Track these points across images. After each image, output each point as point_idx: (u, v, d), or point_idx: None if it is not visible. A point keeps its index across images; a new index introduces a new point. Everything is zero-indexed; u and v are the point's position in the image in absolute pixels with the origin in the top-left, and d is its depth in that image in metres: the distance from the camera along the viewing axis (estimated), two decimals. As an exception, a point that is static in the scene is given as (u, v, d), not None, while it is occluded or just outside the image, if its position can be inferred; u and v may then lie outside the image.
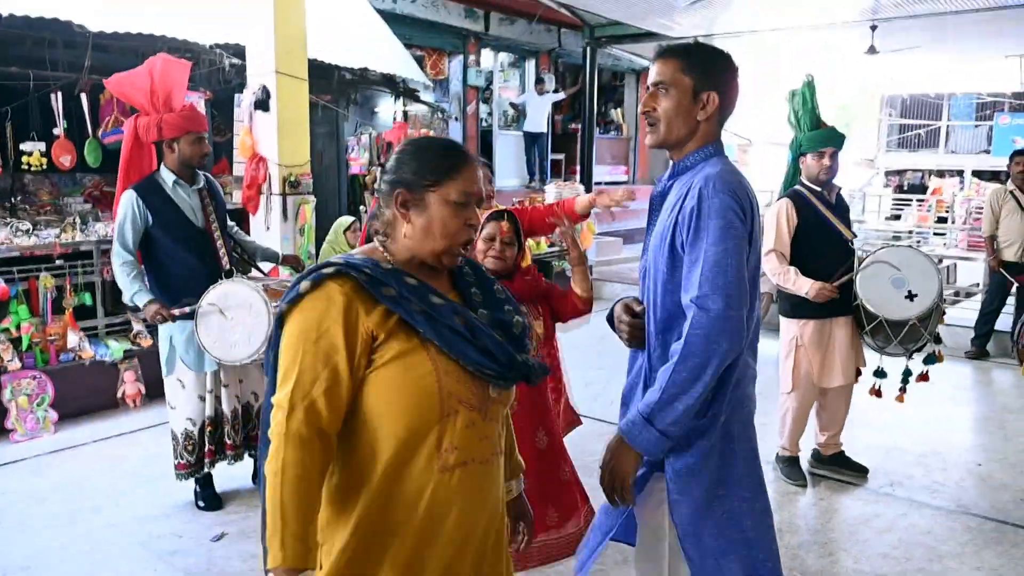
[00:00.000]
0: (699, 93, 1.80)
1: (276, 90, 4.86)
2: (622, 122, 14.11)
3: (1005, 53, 10.92)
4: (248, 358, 3.28)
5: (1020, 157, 6.40)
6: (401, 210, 1.45)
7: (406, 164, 1.47)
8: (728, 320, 1.64)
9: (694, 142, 1.84)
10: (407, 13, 9.52)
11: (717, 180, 1.71)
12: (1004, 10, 7.75)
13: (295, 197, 5.09)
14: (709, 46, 1.91)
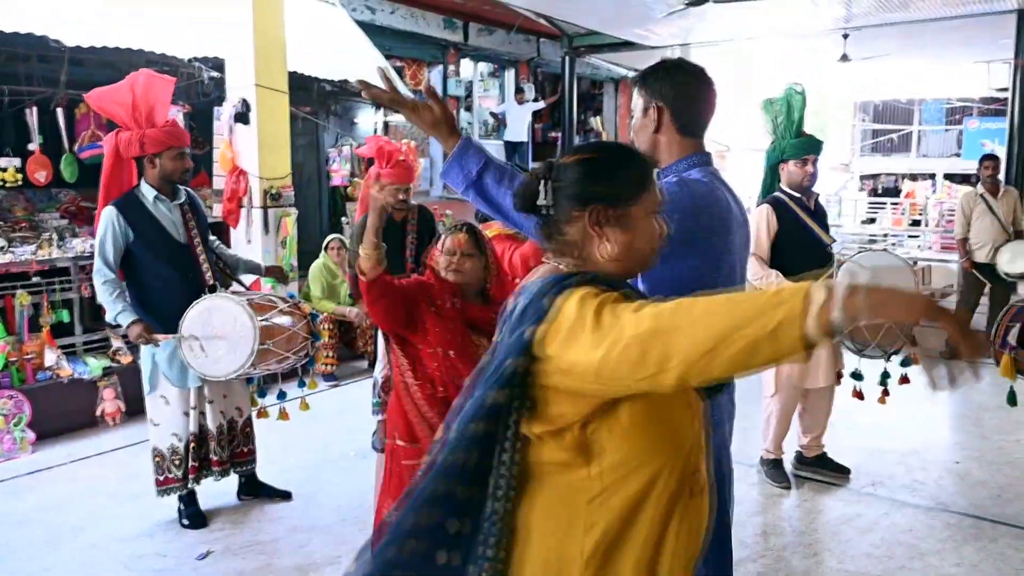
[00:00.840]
0: (647, 108, 1.87)
1: (256, 103, 4.84)
2: (601, 130, 14.18)
3: (973, 59, 11.22)
4: (233, 373, 3.25)
5: (989, 161, 6.53)
6: (596, 228, 1.30)
7: (598, 178, 1.32)
8: None
9: (665, 156, 1.88)
10: (386, 24, 9.51)
11: (674, 191, 1.74)
12: (971, 18, 7.97)
13: (276, 210, 5.06)
14: (664, 61, 1.95)
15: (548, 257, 1.36)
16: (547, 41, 11.73)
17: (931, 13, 7.99)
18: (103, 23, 5.28)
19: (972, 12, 7.82)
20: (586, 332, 1.12)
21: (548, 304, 1.18)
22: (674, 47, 10.12)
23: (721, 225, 1.81)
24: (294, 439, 4.36)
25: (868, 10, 7.92)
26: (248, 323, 3.19)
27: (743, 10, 7.31)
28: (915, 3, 7.61)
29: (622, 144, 1.44)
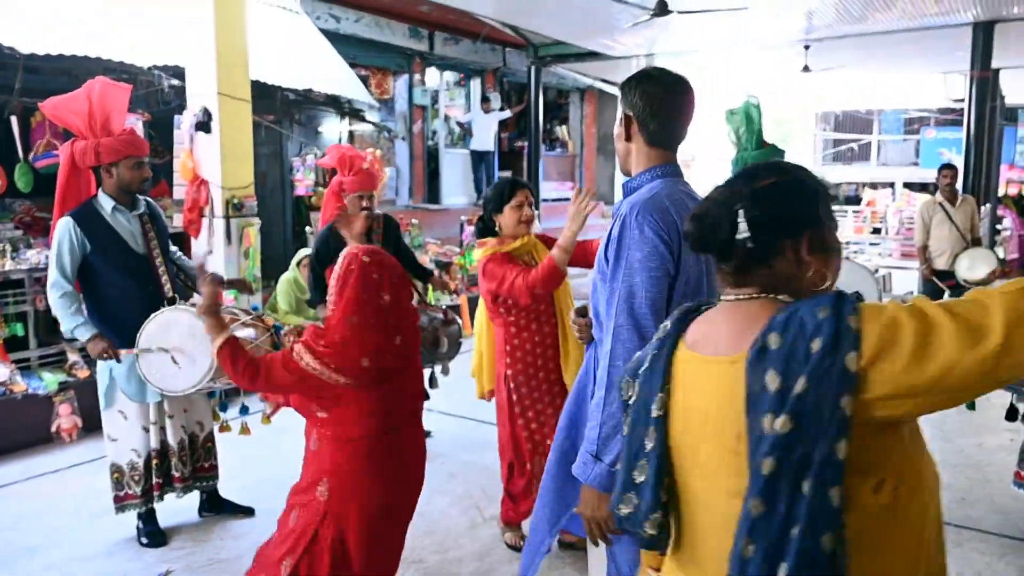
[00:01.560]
0: (621, 118, 1.90)
1: (218, 111, 4.78)
2: (568, 139, 14.28)
3: (930, 70, 11.51)
4: (192, 387, 3.18)
5: (947, 170, 6.69)
6: (811, 256, 1.17)
7: (808, 200, 1.19)
8: (640, 348, 1.70)
9: (635, 165, 1.90)
10: (351, 33, 9.48)
11: (641, 209, 1.76)
12: (928, 30, 8.19)
13: (238, 220, 4.99)
14: (641, 70, 1.95)
15: (730, 294, 1.22)
16: (513, 51, 11.79)
17: (889, 25, 8.19)
18: (60, 31, 5.19)
19: (929, 25, 8.04)
20: (944, 334, 1.01)
21: (847, 331, 1.04)
22: (639, 57, 10.25)
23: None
24: (257, 453, 4.29)
25: (828, 22, 8.10)
26: (207, 337, 3.13)
27: (707, 21, 7.41)
28: (874, 16, 7.80)
29: (789, 164, 1.28)
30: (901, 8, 7.51)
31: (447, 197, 11.39)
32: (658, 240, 1.73)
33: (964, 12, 7.56)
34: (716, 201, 1.22)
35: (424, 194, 11.24)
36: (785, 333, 1.08)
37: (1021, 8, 7.37)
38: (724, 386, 1.14)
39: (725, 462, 1.14)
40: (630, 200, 1.81)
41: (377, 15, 9.80)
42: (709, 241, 1.21)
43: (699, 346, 1.21)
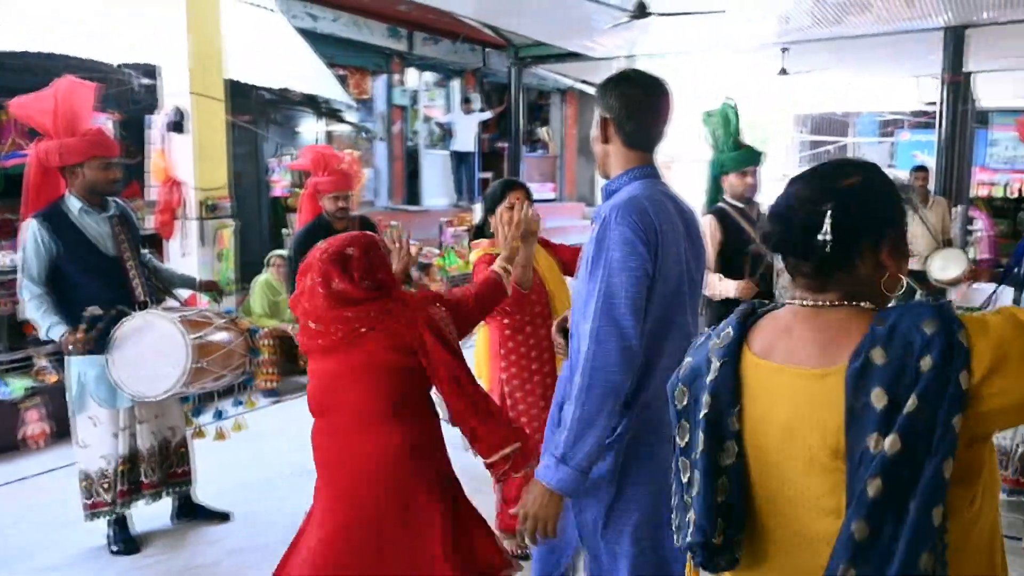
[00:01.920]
0: (599, 120, 1.90)
1: (192, 111, 4.72)
2: (549, 140, 14.31)
3: (904, 74, 11.61)
4: (165, 393, 3.14)
5: (919, 172, 6.76)
6: (891, 259, 1.13)
7: (887, 199, 1.15)
8: (621, 352, 1.70)
9: (614, 167, 1.90)
10: (329, 32, 9.42)
11: (622, 210, 1.75)
12: (901, 34, 8.26)
13: (213, 221, 4.93)
14: (619, 72, 1.95)
15: (806, 300, 1.16)
16: (493, 51, 11.79)
17: (864, 29, 8.25)
18: (28, 28, 5.09)
19: (902, 29, 8.11)
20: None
21: (959, 347, 1.01)
22: (620, 59, 10.29)
23: (665, 241, 1.80)
24: (234, 458, 4.24)
25: (804, 25, 8.15)
26: (181, 341, 3.09)
27: (686, 23, 7.44)
28: (849, 19, 7.85)
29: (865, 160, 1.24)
30: (876, 12, 7.57)
31: (427, 198, 11.35)
32: (637, 240, 1.72)
33: (936, 17, 7.64)
34: (799, 200, 1.15)
35: (404, 195, 11.20)
36: (889, 348, 1.03)
37: (991, 13, 7.46)
38: (814, 400, 1.08)
39: (818, 479, 1.08)
40: (611, 202, 1.81)
41: (355, 14, 9.74)
42: (792, 242, 1.15)
43: (772, 354, 1.15)
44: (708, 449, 1.15)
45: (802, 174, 1.20)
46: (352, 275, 2.17)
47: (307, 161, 4.09)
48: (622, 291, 1.71)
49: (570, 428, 1.71)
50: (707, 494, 1.14)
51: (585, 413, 1.70)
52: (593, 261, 1.76)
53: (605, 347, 1.70)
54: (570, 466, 1.69)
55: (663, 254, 1.77)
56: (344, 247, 2.21)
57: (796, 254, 1.15)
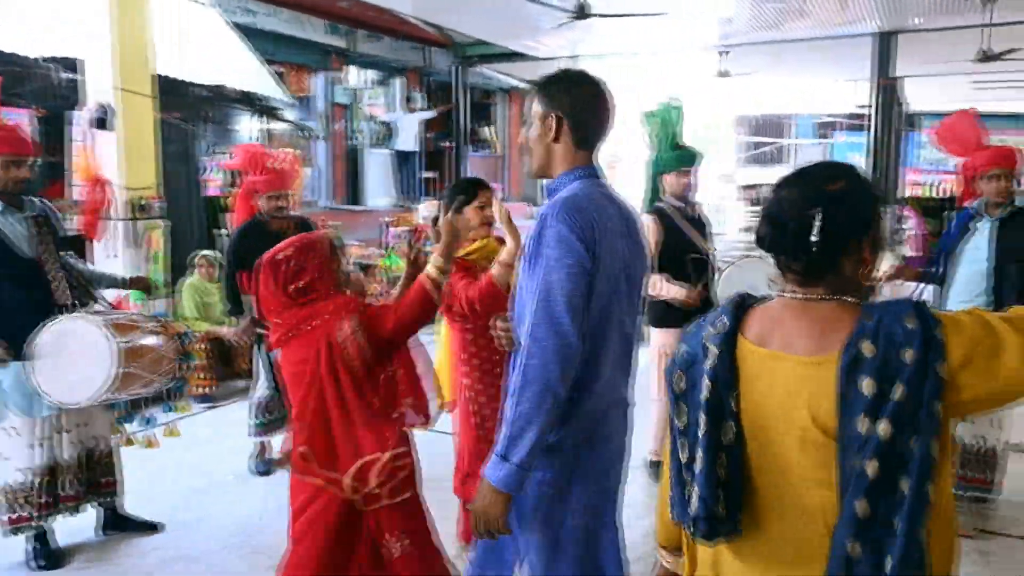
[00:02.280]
0: (546, 117, 1.87)
1: (119, 107, 4.58)
2: (494, 140, 14.34)
3: (838, 77, 11.97)
4: (90, 400, 3.05)
5: None
6: (871, 256, 1.28)
7: (873, 200, 1.28)
8: (558, 349, 1.70)
9: (557, 166, 1.89)
10: (267, 28, 9.24)
11: (561, 207, 1.76)
12: (835, 39, 8.56)
13: (143, 222, 4.80)
14: (564, 71, 1.96)
15: (793, 293, 1.29)
16: (437, 50, 11.75)
17: (800, 34, 8.52)
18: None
19: (836, 34, 8.41)
20: (1011, 349, 1.16)
21: (935, 341, 1.16)
22: (563, 59, 10.39)
23: (603, 239, 1.80)
24: (166, 466, 4.14)
25: (744, 28, 8.38)
26: (106, 345, 3.01)
27: (629, 25, 7.58)
28: (787, 24, 8.08)
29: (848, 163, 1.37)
30: (813, 17, 7.81)
31: (370, 198, 11.26)
32: (574, 238, 1.73)
33: (868, 22, 7.95)
34: (789, 203, 1.27)
35: (346, 195, 11.07)
36: (877, 342, 1.17)
37: (920, 19, 7.79)
38: (809, 385, 1.22)
39: (811, 455, 1.22)
40: (552, 201, 1.83)
41: (294, 10, 9.58)
42: (784, 244, 1.28)
43: (768, 342, 1.28)
44: (709, 429, 1.27)
45: (789, 177, 1.32)
46: (279, 281, 2.26)
47: (240, 160, 4.01)
48: (559, 288, 1.71)
49: (510, 425, 1.71)
50: (710, 470, 1.26)
51: (524, 410, 1.70)
52: (534, 258, 1.77)
53: (542, 344, 1.70)
54: (511, 462, 1.70)
55: (602, 252, 1.77)
56: (280, 251, 2.30)
57: (788, 254, 1.28)
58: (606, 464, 1.94)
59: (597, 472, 1.90)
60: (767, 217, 1.30)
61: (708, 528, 1.28)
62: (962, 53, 8.06)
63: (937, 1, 7.10)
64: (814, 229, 1.22)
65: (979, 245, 3.74)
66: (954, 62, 9.21)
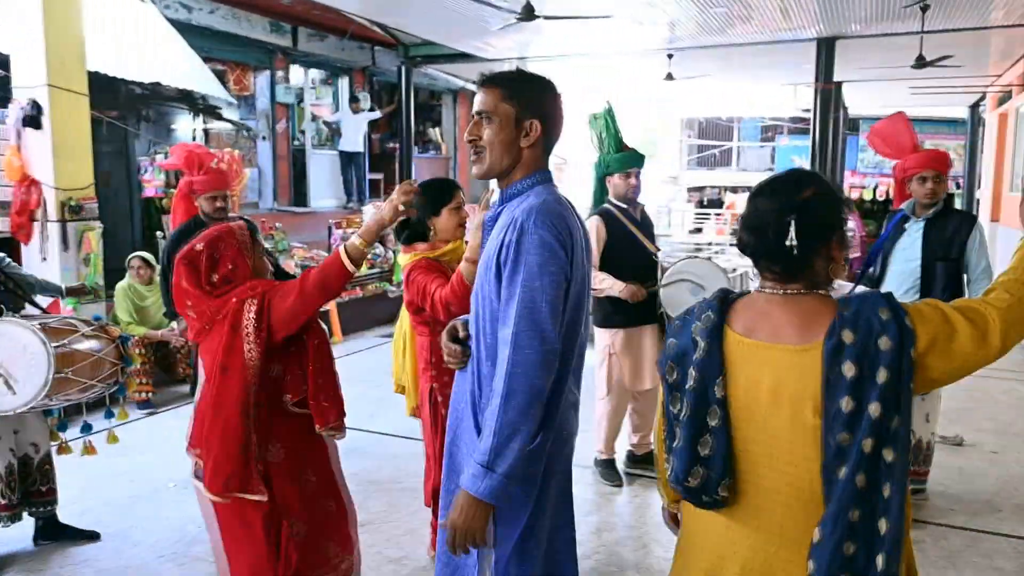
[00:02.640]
0: (522, 121, 1.84)
1: (49, 105, 4.47)
2: (441, 141, 14.34)
3: (782, 81, 12.30)
4: (24, 406, 2.98)
5: None
6: (838, 253, 1.49)
7: (836, 206, 1.48)
8: (544, 357, 1.71)
9: (520, 170, 1.88)
10: (205, 24, 9.07)
11: (538, 213, 1.76)
12: (778, 44, 8.85)
13: (77, 224, 4.69)
14: (532, 73, 1.95)
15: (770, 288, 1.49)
16: (383, 50, 11.70)
17: (746, 38, 8.79)
18: None
19: (779, 39, 8.70)
20: (964, 337, 1.39)
21: (907, 329, 1.37)
22: (511, 60, 10.47)
23: (576, 245, 1.84)
24: (104, 474, 4.07)
25: (691, 32, 8.59)
26: (40, 349, 2.94)
27: (576, 27, 7.68)
28: (733, 29, 8.33)
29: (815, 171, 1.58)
30: (757, 22, 8.04)
31: (315, 199, 11.14)
32: (556, 244, 1.74)
33: (809, 28, 8.22)
34: (766, 212, 1.46)
35: (290, 197, 10.93)
36: (856, 330, 1.37)
37: (859, 26, 8.08)
38: (796, 370, 1.41)
39: (800, 432, 1.40)
40: (523, 206, 1.80)
41: (234, 6, 9.42)
42: (764, 249, 1.47)
43: (754, 333, 1.46)
44: (692, 414, 1.46)
45: (763, 187, 1.51)
46: (197, 274, 2.30)
47: (179, 160, 3.96)
48: (543, 295, 1.72)
49: (495, 435, 1.69)
50: (686, 449, 1.47)
51: (509, 419, 1.69)
52: (512, 266, 1.76)
53: (526, 352, 1.70)
54: (498, 473, 1.68)
55: (576, 259, 1.81)
56: (195, 244, 2.34)
57: (768, 257, 1.47)
58: (567, 464, 1.97)
59: (560, 473, 1.92)
60: (747, 225, 1.49)
61: (685, 493, 1.51)
62: (899, 59, 8.40)
63: (875, 9, 7.37)
64: (790, 234, 1.41)
65: (907, 245, 3.89)
66: (891, 68, 9.59)
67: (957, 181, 16.40)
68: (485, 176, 1.91)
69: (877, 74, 10.74)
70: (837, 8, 7.37)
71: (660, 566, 3.37)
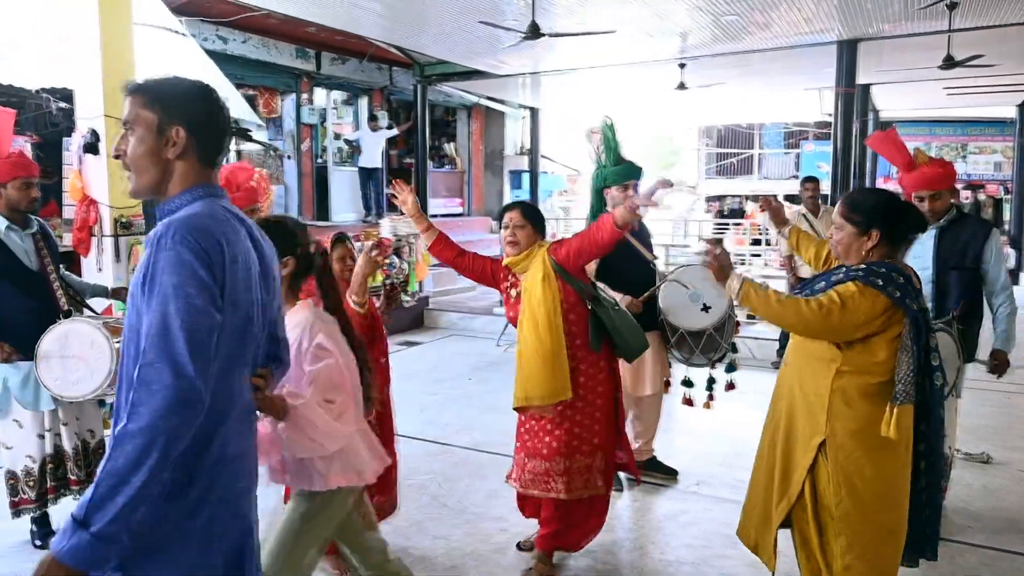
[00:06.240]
0: (164, 128, 1.67)
1: (105, 133, 5.08)
2: (456, 156, 14.82)
3: (804, 86, 12.16)
4: (91, 393, 3.43)
5: (809, 183, 7.12)
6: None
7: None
8: (177, 392, 1.46)
9: (176, 184, 1.69)
10: (239, 53, 9.84)
11: (180, 228, 1.55)
12: (798, 48, 8.82)
13: (127, 238, 5.29)
14: (179, 78, 1.75)
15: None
16: (400, 69, 12.31)
17: (762, 44, 8.79)
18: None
19: (798, 43, 8.66)
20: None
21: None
22: (524, 75, 10.94)
23: (233, 264, 1.63)
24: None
25: (703, 41, 8.70)
26: (105, 344, 3.38)
27: (586, 41, 7.87)
28: (747, 35, 8.38)
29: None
30: (776, 28, 8.04)
31: (336, 214, 11.77)
32: (197, 263, 1.53)
33: (829, 31, 8.17)
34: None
35: (314, 211, 11.59)
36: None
37: (883, 27, 7.94)
38: None
39: None
40: (165, 220, 1.61)
41: (264, 36, 10.18)
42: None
43: None
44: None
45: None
46: None
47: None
48: (178, 321, 1.49)
49: (98, 483, 1.44)
50: None
51: (119, 467, 1.43)
52: (143, 289, 1.54)
53: (152, 388, 1.46)
54: (89, 530, 1.41)
55: (232, 280, 1.59)
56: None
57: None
58: (241, 536, 1.75)
59: (229, 543, 1.71)
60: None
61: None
62: (927, 59, 8.27)
63: (899, 9, 7.29)
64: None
65: (919, 254, 3.79)
66: (920, 68, 9.40)
67: (1006, 185, 16.00)
68: (137, 194, 1.72)
69: (906, 75, 10.52)
70: (859, 9, 7.26)
71: (655, 567, 3.52)
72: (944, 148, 17.32)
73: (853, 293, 2.46)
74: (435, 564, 3.56)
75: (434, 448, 5.06)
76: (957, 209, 3.85)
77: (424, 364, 7.62)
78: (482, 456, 4.95)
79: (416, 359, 7.71)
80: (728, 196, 19.96)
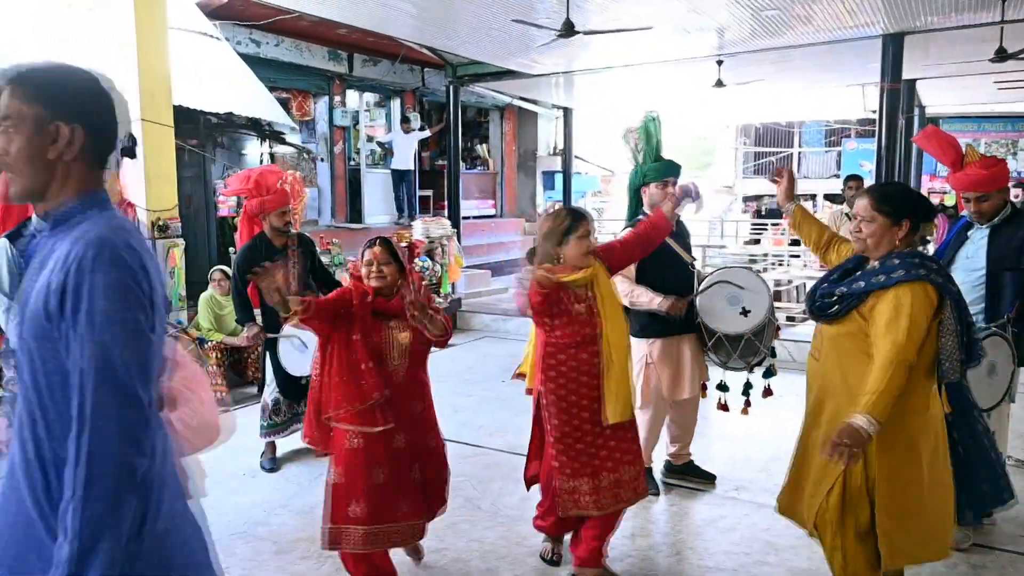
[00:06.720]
0: (49, 126, 1.48)
1: (142, 137, 5.20)
2: (488, 157, 14.87)
3: (846, 83, 11.91)
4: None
5: (852, 181, 7.06)
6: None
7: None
8: (134, 424, 1.40)
9: (66, 189, 1.52)
10: (272, 57, 9.99)
11: (100, 248, 1.42)
12: (841, 43, 8.61)
13: (164, 241, 5.41)
14: (72, 67, 1.55)
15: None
16: (432, 70, 12.38)
17: (802, 40, 8.59)
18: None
19: (841, 38, 8.44)
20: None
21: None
22: (557, 75, 10.92)
23: (152, 276, 1.51)
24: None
25: (743, 37, 8.53)
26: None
27: (620, 39, 7.80)
28: (787, 31, 8.22)
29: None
30: (817, 23, 7.84)
31: (369, 216, 11.88)
32: (132, 285, 1.42)
33: (874, 25, 7.91)
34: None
35: (347, 213, 11.72)
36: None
37: (931, 19, 7.66)
38: None
39: None
40: (77, 239, 1.44)
41: (296, 39, 10.33)
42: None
43: None
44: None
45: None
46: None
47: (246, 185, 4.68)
48: (121, 350, 1.39)
49: (75, 539, 1.34)
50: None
51: (95, 515, 1.35)
52: (71, 316, 1.40)
53: (107, 425, 1.37)
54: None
55: (156, 299, 1.49)
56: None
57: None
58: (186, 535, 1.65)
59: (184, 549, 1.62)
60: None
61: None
62: (978, 52, 7.99)
63: (949, 0, 7.02)
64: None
65: (971, 253, 3.73)
66: (970, 62, 9.02)
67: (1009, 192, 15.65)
68: (19, 200, 1.54)
69: (955, 69, 10.23)
70: (906, 1, 7.03)
71: (693, 573, 3.51)
72: (993, 145, 16.90)
73: (909, 300, 2.57)
74: (470, 566, 3.58)
75: (468, 450, 5.07)
76: (1012, 206, 3.72)
77: (458, 366, 7.65)
78: (515, 459, 4.91)
79: (449, 360, 7.73)
80: (766, 196, 19.64)
